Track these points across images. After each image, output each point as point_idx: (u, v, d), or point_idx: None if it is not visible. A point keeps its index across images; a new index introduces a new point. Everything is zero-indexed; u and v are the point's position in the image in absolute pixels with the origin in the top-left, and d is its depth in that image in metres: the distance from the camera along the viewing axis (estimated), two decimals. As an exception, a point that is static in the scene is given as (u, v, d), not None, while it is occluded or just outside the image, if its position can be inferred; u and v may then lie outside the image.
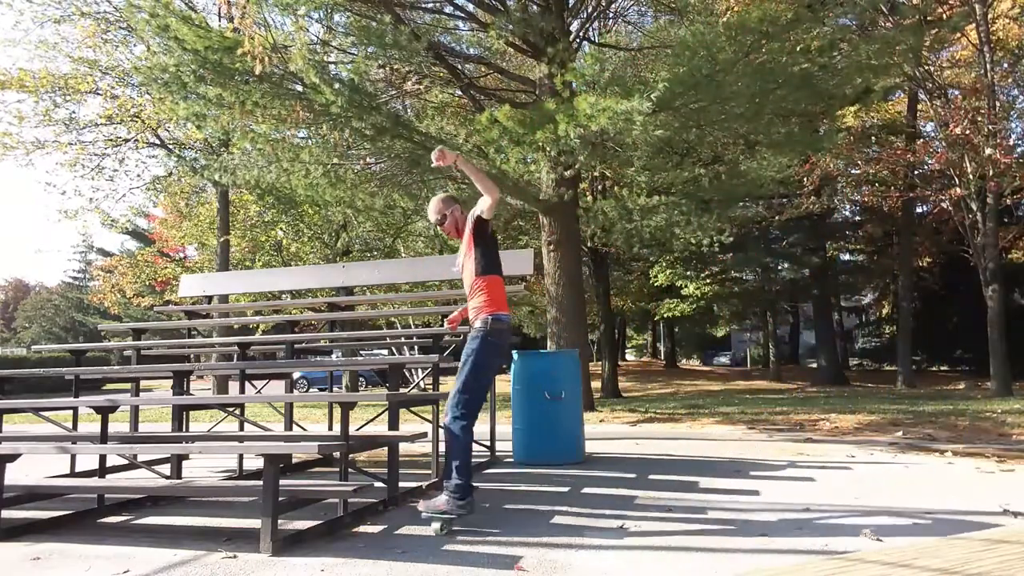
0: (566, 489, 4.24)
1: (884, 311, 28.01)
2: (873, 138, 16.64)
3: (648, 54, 13.09)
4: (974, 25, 12.95)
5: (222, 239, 15.61)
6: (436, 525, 3.17)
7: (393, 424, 4.43)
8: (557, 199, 9.27)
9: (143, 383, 5.74)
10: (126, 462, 4.66)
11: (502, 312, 3.42)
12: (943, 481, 4.19)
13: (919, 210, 19.86)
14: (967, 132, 12.43)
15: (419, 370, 14.38)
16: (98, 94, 14.85)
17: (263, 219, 17.34)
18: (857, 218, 22.95)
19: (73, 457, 4.78)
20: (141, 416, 8.43)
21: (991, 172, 12.31)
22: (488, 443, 5.43)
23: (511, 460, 5.38)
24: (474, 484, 3.29)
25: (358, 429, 5.00)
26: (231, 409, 4.97)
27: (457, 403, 3.26)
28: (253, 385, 5.96)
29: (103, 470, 4.15)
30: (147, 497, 3.93)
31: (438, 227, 3.68)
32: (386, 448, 3.80)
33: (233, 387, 6.34)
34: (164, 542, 3.12)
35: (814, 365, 25.15)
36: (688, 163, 12.48)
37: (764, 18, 6.43)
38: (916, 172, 15.53)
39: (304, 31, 7.51)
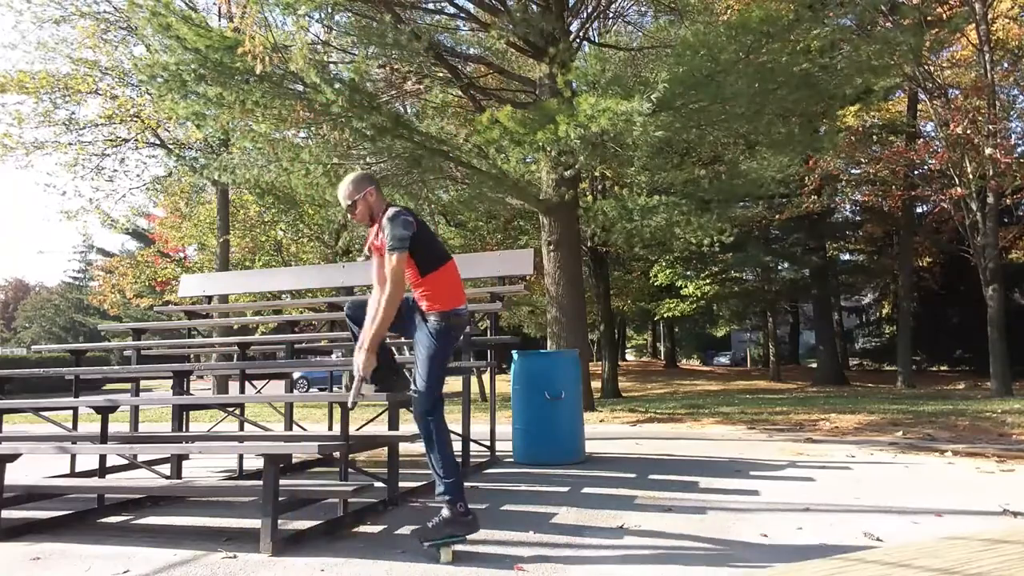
0: (566, 489, 4.24)
1: (884, 311, 28.02)
2: (873, 138, 16.63)
3: (648, 54, 13.08)
4: (974, 25, 12.94)
5: (222, 239, 15.61)
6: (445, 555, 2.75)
7: (393, 424, 4.43)
8: (557, 199, 9.26)
9: (143, 383, 5.74)
10: (126, 462, 4.66)
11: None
12: (943, 481, 4.19)
13: (919, 210, 19.86)
14: (967, 132, 12.43)
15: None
16: (98, 94, 14.85)
17: (263, 219, 17.34)
18: (857, 218, 22.95)
19: (73, 457, 4.78)
20: (141, 416, 8.43)
21: (991, 172, 12.30)
22: (488, 443, 5.43)
23: (511, 460, 5.38)
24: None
25: (358, 429, 5.01)
26: (231, 409, 4.97)
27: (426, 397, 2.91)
28: (253, 385, 5.96)
29: (103, 470, 4.15)
30: (147, 497, 3.93)
31: (348, 214, 3.17)
32: (386, 448, 3.80)
33: (233, 387, 6.34)
34: (164, 542, 3.12)
35: (814, 365, 25.13)
36: (688, 163, 12.49)
37: (765, 18, 6.42)
38: (916, 172, 15.53)
39: (304, 31, 7.52)
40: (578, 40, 10.90)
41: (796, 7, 6.69)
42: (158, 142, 15.77)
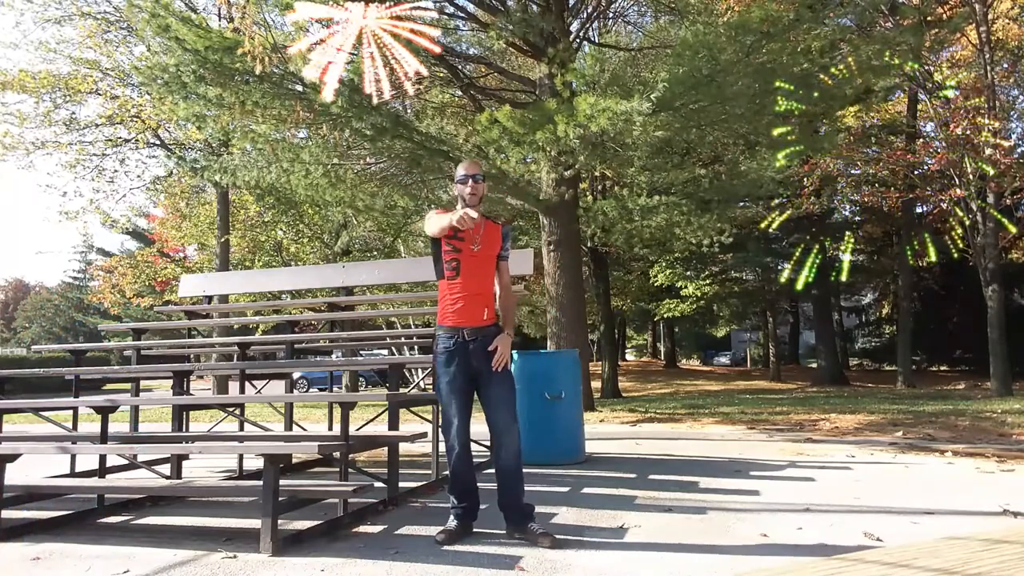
0: (566, 489, 4.24)
1: (884, 311, 28.03)
2: (873, 138, 16.62)
3: (648, 54, 13.09)
4: (974, 25, 12.94)
5: (222, 239, 15.61)
6: None
7: (393, 424, 4.43)
8: (557, 199, 9.27)
9: (143, 383, 5.74)
10: (126, 462, 4.66)
11: None
12: (943, 481, 4.19)
13: (919, 210, 19.86)
14: (967, 132, 12.42)
15: (419, 370, 14.38)
16: (98, 94, 14.85)
17: (263, 219, 17.34)
18: (857, 218, 22.95)
19: (73, 457, 4.78)
20: (141, 416, 8.43)
21: (991, 172, 12.30)
22: (488, 443, 5.43)
23: (511, 460, 5.37)
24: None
25: (358, 429, 5.00)
26: (231, 409, 4.97)
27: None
28: (253, 385, 5.96)
29: (103, 470, 4.15)
30: (147, 497, 3.93)
31: (471, 182, 3.18)
32: (386, 448, 3.80)
33: (233, 387, 6.35)
34: (164, 542, 3.12)
35: (814, 365, 25.15)
36: (688, 163, 12.47)
37: (765, 18, 6.43)
38: (916, 172, 15.53)
39: (304, 31, 7.51)
40: (578, 40, 10.90)
41: (796, 7, 6.69)
42: (158, 142, 15.78)
